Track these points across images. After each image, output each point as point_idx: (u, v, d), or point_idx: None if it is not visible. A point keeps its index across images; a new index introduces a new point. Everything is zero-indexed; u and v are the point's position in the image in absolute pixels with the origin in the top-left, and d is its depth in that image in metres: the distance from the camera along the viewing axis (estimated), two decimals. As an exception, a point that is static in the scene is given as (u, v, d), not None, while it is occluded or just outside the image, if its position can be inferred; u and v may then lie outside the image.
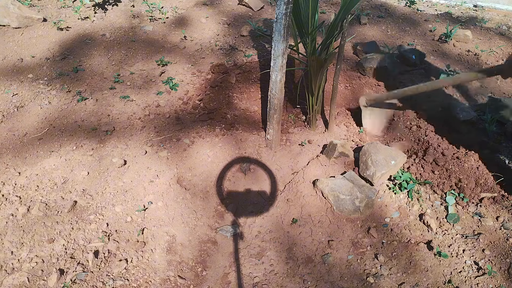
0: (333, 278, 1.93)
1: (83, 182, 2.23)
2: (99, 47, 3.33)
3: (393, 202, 2.22)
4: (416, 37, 3.79)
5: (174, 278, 1.88)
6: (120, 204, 2.14)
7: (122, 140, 2.54)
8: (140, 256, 1.92)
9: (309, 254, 2.06)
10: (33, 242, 1.88)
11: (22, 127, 2.58)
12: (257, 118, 2.96)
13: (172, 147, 2.54)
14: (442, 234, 2.03)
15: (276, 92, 2.41)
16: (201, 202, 2.34)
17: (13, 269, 1.76)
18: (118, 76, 3.06)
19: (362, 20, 3.96)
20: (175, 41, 3.52)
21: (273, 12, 4.14)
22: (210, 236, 2.20)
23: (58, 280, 1.73)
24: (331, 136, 2.77)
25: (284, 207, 2.31)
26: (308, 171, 2.41)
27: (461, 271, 1.83)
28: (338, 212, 2.18)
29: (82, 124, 2.62)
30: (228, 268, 2.06)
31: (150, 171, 2.35)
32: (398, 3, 4.78)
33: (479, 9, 4.82)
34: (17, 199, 2.08)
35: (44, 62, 3.12)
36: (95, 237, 1.95)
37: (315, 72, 2.45)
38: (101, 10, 3.77)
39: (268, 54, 3.30)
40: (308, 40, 2.49)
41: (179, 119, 2.76)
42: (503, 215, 2.05)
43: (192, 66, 3.20)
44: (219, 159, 2.57)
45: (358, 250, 2.03)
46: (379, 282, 1.85)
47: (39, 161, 2.33)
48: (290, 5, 2.08)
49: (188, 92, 2.97)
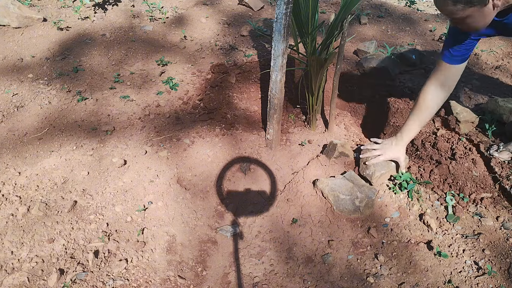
0: (333, 278, 1.93)
1: (83, 182, 2.23)
2: (99, 47, 3.33)
3: (393, 202, 2.22)
4: (416, 37, 3.79)
5: (174, 278, 1.88)
6: (120, 204, 2.14)
7: (122, 140, 2.54)
8: (140, 256, 1.92)
9: (309, 254, 2.06)
10: (33, 242, 1.88)
11: (22, 127, 2.58)
12: (257, 118, 2.96)
13: (172, 147, 2.54)
14: (442, 234, 2.03)
15: (276, 92, 2.41)
16: (201, 202, 2.34)
17: (13, 269, 1.76)
18: (118, 76, 3.06)
19: (362, 20, 3.96)
20: (175, 41, 3.52)
21: (273, 12, 4.14)
22: (210, 236, 2.20)
23: (58, 280, 1.73)
24: (331, 136, 2.76)
25: (284, 207, 2.31)
26: (308, 171, 2.41)
27: (461, 271, 1.83)
28: (338, 212, 2.18)
29: (82, 124, 2.62)
30: (228, 268, 2.06)
31: (150, 171, 2.35)
32: (398, 3, 4.78)
33: (479, 9, 4.81)
34: (17, 199, 2.08)
35: (44, 62, 3.12)
36: (95, 237, 1.95)
37: (315, 72, 2.45)
38: (101, 10, 3.77)
39: (268, 54, 3.30)
40: (308, 40, 2.49)
41: (179, 119, 2.76)
42: (503, 215, 2.05)
43: (192, 66, 3.20)
44: (219, 159, 2.57)
45: (358, 250, 2.03)
46: (379, 282, 1.85)
47: (39, 161, 2.33)
48: (290, 5, 2.08)
49: (188, 92, 2.97)
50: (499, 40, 3.75)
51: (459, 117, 2.63)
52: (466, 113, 2.64)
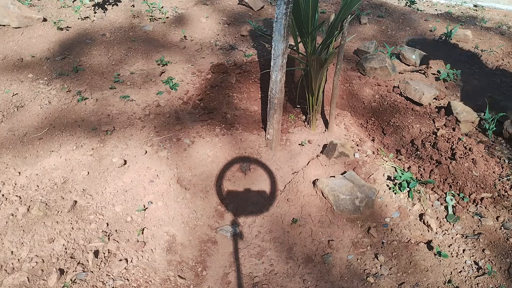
0: (333, 278, 1.93)
1: (83, 182, 2.23)
2: (99, 47, 3.33)
3: (393, 202, 2.22)
4: (416, 37, 3.79)
5: (174, 278, 1.88)
6: (120, 204, 2.14)
7: (122, 140, 2.53)
8: (140, 256, 1.92)
9: (309, 254, 2.06)
10: (33, 242, 1.88)
11: (22, 127, 2.58)
12: (257, 118, 2.96)
13: (172, 147, 2.54)
14: (442, 234, 2.03)
15: (276, 92, 2.41)
16: (201, 202, 2.34)
17: (13, 269, 1.76)
18: (118, 76, 3.06)
19: (362, 20, 3.96)
20: (175, 40, 3.52)
21: (273, 12, 4.14)
22: (210, 236, 2.20)
23: (58, 280, 1.73)
24: (331, 136, 2.76)
25: (284, 207, 2.31)
26: (308, 171, 2.41)
27: (461, 271, 1.83)
28: (338, 212, 2.18)
29: (82, 124, 2.62)
30: (228, 268, 2.06)
31: (150, 171, 2.35)
32: (398, 3, 4.78)
33: (479, 9, 4.82)
34: (17, 199, 2.08)
35: (44, 62, 3.12)
36: (95, 237, 1.95)
37: (315, 72, 2.45)
38: (101, 10, 3.77)
39: (268, 54, 3.30)
40: (308, 40, 2.48)
41: (179, 119, 2.76)
42: (503, 215, 2.06)
43: (192, 66, 3.20)
44: (219, 159, 2.57)
45: (358, 250, 2.03)
46: (379, 282, 1.85)
47: (39, 161, 2.33)
48: (290, 5, 2.08)
49: (188, 92, 2.97)
50: (499, 40, 3.75)
51: (459, 117, 2.63)
52: (466, 113, 2.64)
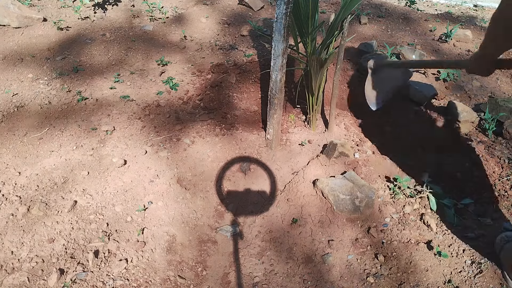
0: (333, 278, 1.93)
1: (83, 182, 2.23)
2: (99, 47, 3.33)
3: (393, 202, 2.22)
4: (416, 37, 3.79)
5: (174, 278, 1.88)
6: (120, 204, 2.14)
7: (122, 140, 2.54)
8: (140, 256, 1.92)
9: (309, 254, 2.06)
10: (33, 242, 1.88)
11: (22, 127, 2.58)
12: (257, 118, 2.96)
13: (172, 147, 2.54)
14: (442, 234, 2.03)
15: (276, 92, 2.41)
16: (201, 202, 2.34)
17: (13, 269, 1.76)
18: (118, 76, 3.06)
19: (362, 20, 3.96)
20: (175, 40, 3.52)
21: (273, 12, 4.14)
22: (210, 236, 2.20)
23: (58, 280, 1.73)
24: (331, 136, 2.76)
25: (284, 207, 2.31)
26: (308, 171, 2.41)
27: (461, 271, 1.83)
28: (338, 212, 2.18)
29: (82, 124, 2.62)
30: (228, 268, 2.06)
31: (150, 171, 2.35)
32: (398, 3, 4.78)
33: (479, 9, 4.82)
34: (17, 199, 2.08)
35: (44, 62, 3.12)
36: (95, 237, 1.95)
37: (315, 72, 2.46)
38: (101, 10, 3.77)
39: (268, 54, 3.30)
40: (308, 40, 2.49)
41: (179, 119, 2.76)
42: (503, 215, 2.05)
43: (192, 66, 3.20)
44: (219, 159, 2.57)
45: (358, 250, 2.03)
46: (379, 282, 1.85)
47: (39, 161, 2.33)
48: (290, 5, 2.08)
49: (188, 92, 2.97)
50: (499, 40, 3.74)
51: (459, 117, 2.63)
52: (466, 113, 2.64)
